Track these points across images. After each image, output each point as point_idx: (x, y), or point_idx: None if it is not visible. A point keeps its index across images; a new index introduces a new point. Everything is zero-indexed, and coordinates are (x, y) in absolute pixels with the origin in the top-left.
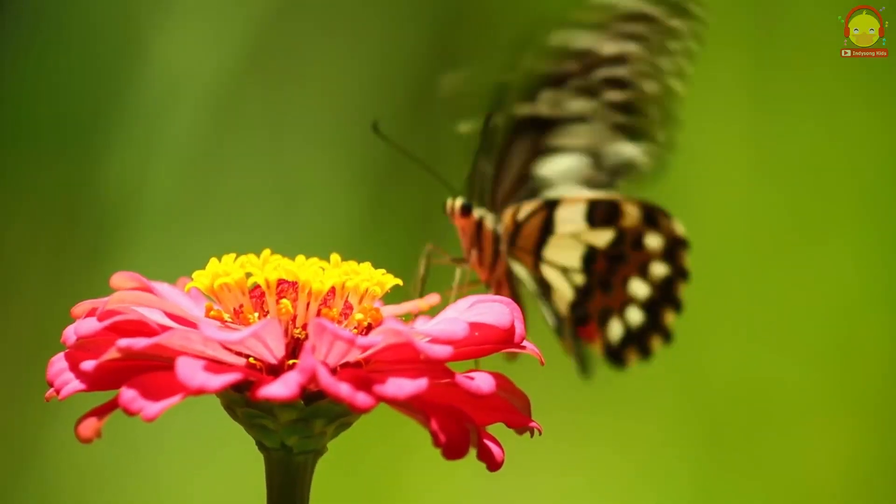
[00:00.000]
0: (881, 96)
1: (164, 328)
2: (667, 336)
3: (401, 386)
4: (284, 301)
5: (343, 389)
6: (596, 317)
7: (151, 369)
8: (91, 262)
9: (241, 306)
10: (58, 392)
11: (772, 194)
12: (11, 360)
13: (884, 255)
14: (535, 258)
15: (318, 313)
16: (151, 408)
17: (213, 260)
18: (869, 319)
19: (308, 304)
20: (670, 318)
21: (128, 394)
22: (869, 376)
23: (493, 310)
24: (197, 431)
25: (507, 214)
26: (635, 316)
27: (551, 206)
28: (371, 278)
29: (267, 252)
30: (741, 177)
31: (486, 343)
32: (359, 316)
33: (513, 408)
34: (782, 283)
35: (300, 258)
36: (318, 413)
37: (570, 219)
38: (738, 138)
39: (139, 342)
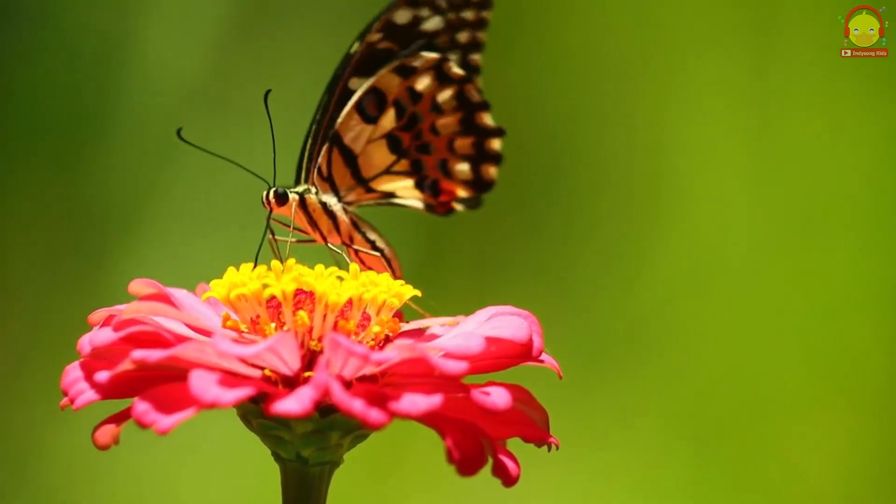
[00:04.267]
0: (881, 96)
1: (180, 339)
2: (500, 132)
3: (415, 402)
4: (301, 313)
5: (356, 406)
6: (440, 174)
7: (166, 380)
8: (90, 262)
9: (258, 317)
10: (72, 401)
11: (771, 194)
12: (11, 363)
13: (883, 254)
14: (364, 188)
15: (335, 325)
16: (164, 421)
17: (231, 269)
18: (868, 319)
19: (325, 316)
20: (488, 119)
21: (141, 406)
22: (867, 375)
23: (511, 323)
24: (212, 441)
25: (316, 179)
26: (464, 143)
27: (335, 138)
28: (389, 290)
29: (292, 261)
30: (740, 176)
31: (504, 357)
32: (376, 328)
33: (530, 421)
34: (781, 282)
35: (318, 268)
36: (334, 425)
37: (355, 132)
38: (738, 138)
39: (153, 354)
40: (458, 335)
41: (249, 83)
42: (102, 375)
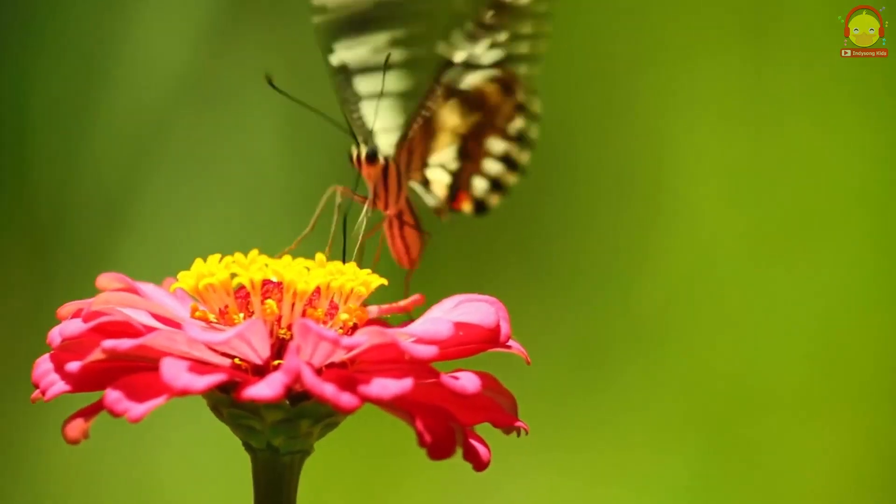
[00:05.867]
0: (881, 96)
1: (150, 329)
2: (522, 171)
3: (385, 386)
4: (269, 301)
5: (328, 390)
6: (464, 185)
7: (136, 370)
8: (76, 259)
9: (227, 307)
10: (43, 393)
11: (770, 194)
12: None
13: (882, 254)
14: (422, 170)
15: (304, 314)
16: (136, 409)
17: (198, 260)
18: (866, 318)
19: (293, 305)
20: (525, 158)
21: (113, 395)
22: (867, 374)
23: (479, 309)
24: (183, 432)
25: (404, 150)
26: (493, 167)
27: (432, 117)
28: (356, 278)
29: (254, 252)
30: (739, 176)
31: (472, 343)
32: (344, 316)
33: (499, 407)
34: (779, 281)
35: (286, 258)
36: (304, 413)
37: (446, 119)
38: (738, 137)
39: (124, 343)
40: (427, 321)
41: (237, 75)
42: (73, 366)
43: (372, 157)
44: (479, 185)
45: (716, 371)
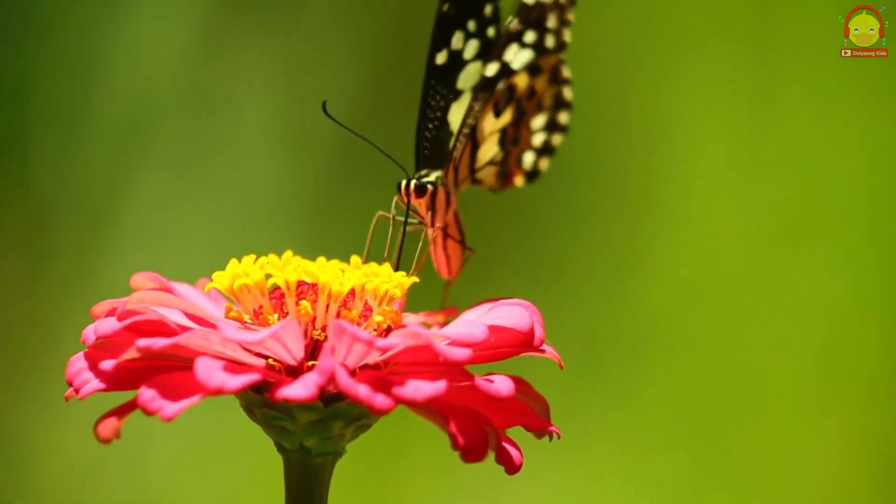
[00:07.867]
0: (881, 96)
1: (184, 328)
2: (564, 130)
3: (419, 388)
4: (304, 302)
5: (362, 391)
6: (515, 165)
7: (170, 369)
8: (67, 261)
9: (261, 307)
10: (77, 391)
11: (770, 194)
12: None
13: (880, 254)
14: (472, 177)
15: (338, 315)
16: (170, 408)
17: (234, 260)
18: (865, 317)
19: (327, 306)
20: (565, 118)
21: (147, 393)
22: (864, 374)
23: (513, 313)
24: (215, 432)
25: (450, 170)
26: (538, 138)
27: (472, 130)
28: (390, 280)
29: (288, 253)
30: (739, 176)
31: (506, 346)
32: (378, 318)
33: (532, 411)
34: (779, 280)
35: (321, 259)
36: (337, 415)
37: (484, 125)
38: (738, 138)
39: (158, 342)
40: (461, 323)
41: (230, 76)
42: (107, 364)
43: (420, 190)
44: (528, 158)
45: (715, 369)
